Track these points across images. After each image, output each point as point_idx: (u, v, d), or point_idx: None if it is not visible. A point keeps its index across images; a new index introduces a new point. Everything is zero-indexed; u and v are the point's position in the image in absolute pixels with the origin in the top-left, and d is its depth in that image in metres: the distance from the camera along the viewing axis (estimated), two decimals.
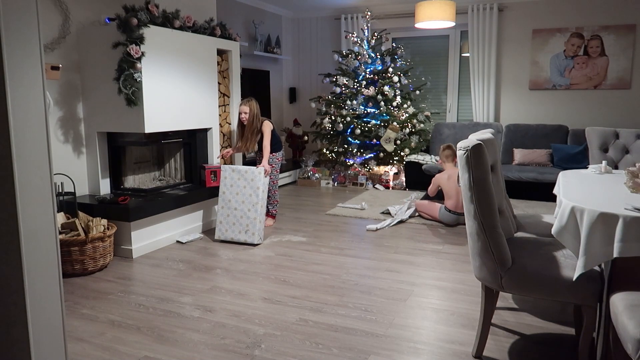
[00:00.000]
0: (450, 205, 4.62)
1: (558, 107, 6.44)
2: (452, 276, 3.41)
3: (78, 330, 2.64)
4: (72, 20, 3.93)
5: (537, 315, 2.78)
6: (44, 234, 1.56)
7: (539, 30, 6.37)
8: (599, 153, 5.56)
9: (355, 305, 2.93)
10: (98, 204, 3.86)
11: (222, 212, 4.24)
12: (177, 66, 4.17)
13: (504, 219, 2.51)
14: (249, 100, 4.57)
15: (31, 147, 1.51)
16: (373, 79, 6.63)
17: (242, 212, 4.17)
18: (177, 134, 4.42)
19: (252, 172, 4.21)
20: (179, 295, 3.12)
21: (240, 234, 4.15)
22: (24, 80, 1.48)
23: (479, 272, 2.27)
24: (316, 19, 7.71)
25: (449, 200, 4.65)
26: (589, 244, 1.88)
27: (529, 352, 2.40)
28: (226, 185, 4.27)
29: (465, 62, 6.95)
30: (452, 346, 2.45)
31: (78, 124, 4.09)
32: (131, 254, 3.84)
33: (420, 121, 6.65)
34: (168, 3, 4.11)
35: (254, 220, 4.12)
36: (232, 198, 4.23)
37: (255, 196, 4.16)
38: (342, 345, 2.47)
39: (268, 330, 2.63)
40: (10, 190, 1.46)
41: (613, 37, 6.04)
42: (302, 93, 7.94)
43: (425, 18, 5.32)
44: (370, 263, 3.68)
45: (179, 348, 2.45)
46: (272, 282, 3.32)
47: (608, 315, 1.94)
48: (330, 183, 6.80)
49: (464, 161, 2.14)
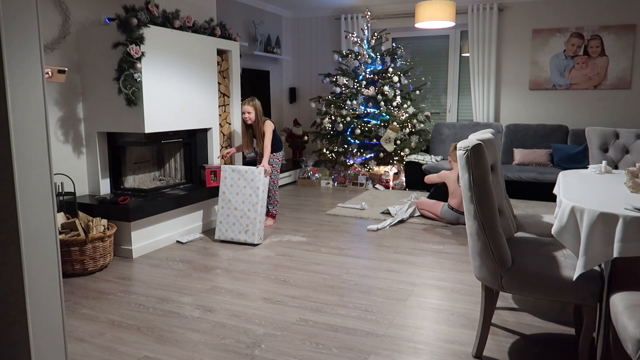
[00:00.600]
0: (453, 204, 4.64)
1: (558, 107, 6.44)
2: (452, 276, 3.41)
3: (78, 330, 2.64)
4: (72, 20, 3.93)
5: (537, 315, 2.78)
6: (44, 234, 1.56)
7: (539, 30, 6.37)
8: (599, 153, 5.56)
9: (355, 305, 2.93)
10: (98, 204, 3.86)
11: (222, 212, 4.24)
12: (177, 66, 4.17)
13: (504, 219, 2.51)
14: (251, 100, 4.56)
15: (31, 147, 1.51)
16: (373, 79, 6.63)
17: (242, 212, 4.16)
18: (177, 134, 4.43)
19: (252, 172, 4.21)
20: (179, 295, 3.12)
21: (240, 234, 4.15)
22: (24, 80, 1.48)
23: (479, 272, 2.27)
24: (316, 19, 7.71)
25: (453, 199, 4.67)
26: (589, 244, 1.88)
27: (529, 352, 2.40)
28: (226, 185, 4.27)
29: (465, 62, 6.95)
30: (452, 346, 2.45)
31: (78, 124, 4.09)
32: (131, 254, 3.84)
33: (420, 121, 6.65)
34: (168, 3, 4.11)
35: (254, 220, 4.12)
36: (232, 198, 4.23)
37: (255, 196, 4.15)
38: (342, 345, 2.47)
39: (268, 330, 2.63)
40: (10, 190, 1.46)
41: (613, 37, 6.04)
42: (302, 93, 7.94)
43: (425, 18, 5.32)
44: (370, 263, 3.68)
45: (179, 348, 2.45)
46: (272, 282, 3.32)
47: (608, 315, 1.94)
48: (330, 183, 6.80)
49: (464, 161, 2.15)
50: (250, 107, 4.52)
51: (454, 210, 4.64)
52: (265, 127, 4.54)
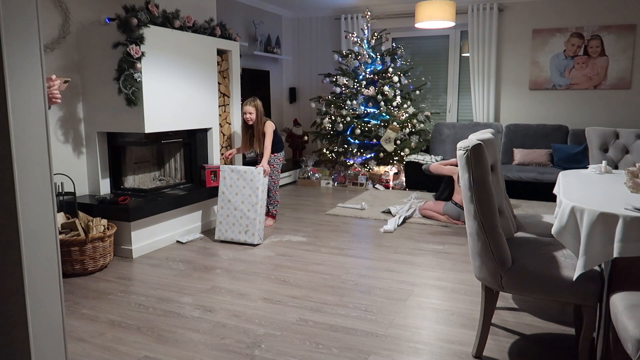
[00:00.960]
0: (458, 200, 4.65)
1: (558, 107, 6.44)
2: (452, 276, 3.41)
3: (78, 330, 2.64)
4: (72, 20, 3.93)
5: (537, 315, 2.78)
6: (44, 234, 1.56)
7: (539, 30, 6.37)
8: (599, 153, 5.56)
9: (355, 305, 2.93)
10: (98, 204, 3.86)
11: (222, 213, 4.24)
12: (177, 66, 4.17)
13: (504, 219, 2.51)
14: (253, 100, 4.53)
15: (31, 147, 1.51)
16: (373, 79, 6.63)
17: (241, 213, 4.16)
18: (177, 134, 4.42)
19: (252, 173, 4.20)
20: (179, 295, 3.12)
21: (240, 235, 4.15)
22: (24, 80, 1.48)
23: (479, 272, 2.27)
24: (316, 19, 7.71)
25: (458, 195, 4.67)
26: (589, 244, 1.88)
27: (529, 352, 2.40)
28: (225, 186, 4.27)
29: (465, 62, 6.95)
30: (452, 346, 2.45)
31: (78, 124, 4.09)
32: (131, 254, 3.84)
33: (420, 121, 6.65)
34: (168, 3, 4.11)
35: (253, 220, 4.12)
36: (232, 198, 4.23)
37: (255, 196, 4.15)
38: (342, 345, 2.47)
39: (268, 330, 2.63)
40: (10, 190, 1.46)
41: (613, 37, 6.04)
42: (302, 93, 7.94)
43: (425, 18, 5.32)
44: (370, 263, 3.68)
45: (179, 348, 2.45)
46: (272, 282, 3.32)
47: (608, 315, 1.94)
48: (330, 183, 6.80)
49: (464, 161, 2.15)
50: (251, 108, 4.50)
51: (457, 205, 4.64)
52: (265, 127, 4.52)
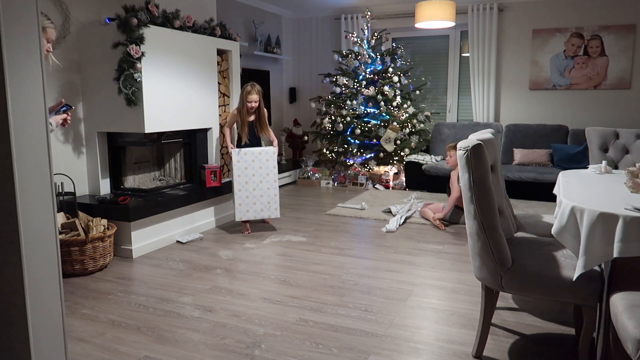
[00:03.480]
0: (459, 202, 4.63)
1: (558, 107, 6.44)
2: (452, 276, 3.41)
3: (78, 330, 2.64)
4: (72, 20, 3.93)
5: (537, 315, 2.78)
6: (44, 234, 1.56)
7: (539, 30, 6.37)
8: (599, 153, 5.56)
9: (355, 305, 2.93)
10: (98, 204, 3.86)
11: (240, 195, 4.37)
12: (177, 66, 4.17)
13: (504, 219, 2.51)
14: (254, 86, 4.43)
15: (31, 147, 1.51)
16: (373, 79, 6.63)
17: (261, 191, 4.40)
18: (177, 134, 4.43)
19: (266, 153, 4.42)
20: (179, 295, 3.12)
21: (263, 212, 4.43)
22: (24, 81, 1.48)
23: (479, 272, 2.27)
24: (316, 19, 7.71)
25: None
26: (589, 244, 1.88)
27: (529, 352, 2.40)
28: (240, 169, 4.37)
29: (465, 62, 6.95)
30: (452, 346, 2.45)
31: (78, 124, 4.09)
32: (131, 254, 3.84)
33: (420, 121, 6.65)
34: (168, 3, 4.11)
35: (274, 197, 4.44)
36: (249, 180, 4.38)
37: (273, 174, 4.44)
38: (342, 345, 2.47)
39: (268, 330, 2.63)
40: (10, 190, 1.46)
41: (613, 37, 6.04)
42: (302, 93, 7.94)
43: (425, 18, 5.32)
44: (370, 263, 3.68)
45: (179, 348, 2.45)
46: (272, 282, 3.32)
47: (608, 315, 1.94)
48: (330, 183, 6.80)
49: (464, 161, 2.15)
50: (257, 96, 4.42)
51: (457, 207, 4.63)
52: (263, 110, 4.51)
